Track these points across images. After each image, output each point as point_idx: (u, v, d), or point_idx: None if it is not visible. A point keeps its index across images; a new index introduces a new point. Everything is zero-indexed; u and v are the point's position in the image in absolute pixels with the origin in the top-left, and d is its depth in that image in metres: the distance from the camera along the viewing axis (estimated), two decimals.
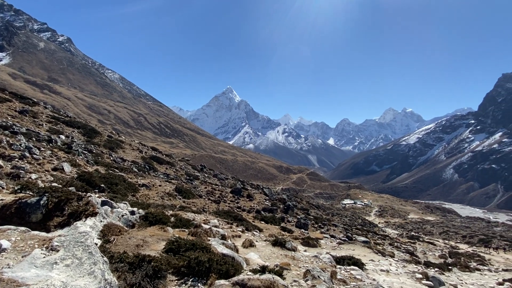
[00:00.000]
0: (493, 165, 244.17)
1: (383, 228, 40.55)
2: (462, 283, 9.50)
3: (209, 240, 5.70)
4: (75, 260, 2.96)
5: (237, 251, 6.08)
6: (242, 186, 22.33)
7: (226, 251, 4.89)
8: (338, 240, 13.37)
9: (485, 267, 15.39)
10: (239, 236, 8.38)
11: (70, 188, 6.49)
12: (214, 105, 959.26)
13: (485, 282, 10.21)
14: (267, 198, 21.35)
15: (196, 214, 9.70)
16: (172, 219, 7.31)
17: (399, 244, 18.78)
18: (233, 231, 8.87)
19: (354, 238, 14.42)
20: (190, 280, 3.79)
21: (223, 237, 6.90)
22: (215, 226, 8.03)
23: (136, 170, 17.16)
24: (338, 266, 6.69)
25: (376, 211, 74.36)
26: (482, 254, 21.08)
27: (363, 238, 14.51)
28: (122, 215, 5.84)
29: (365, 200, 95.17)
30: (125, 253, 3.81)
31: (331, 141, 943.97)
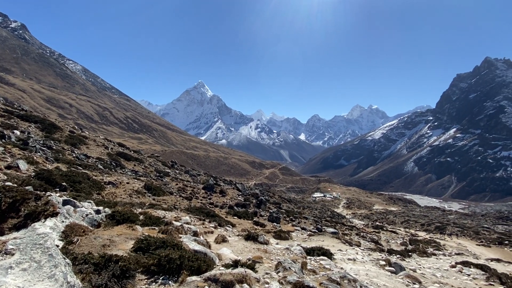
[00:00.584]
0: (448, 159, 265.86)
1: (350, 219, 42.54)
2: (420, 267, 10.28)
3: (181, 237, 5.60)
4: (33, 264, 2.76)
5: (209, 247, 6.05)
6: (214, 182, 22.14)
7: (198, 247, 4.84)
8: (308, 232, 13.81)
9: (440, 252, 16.82)
10: (212, 232, 8.32)
11: (27, 187, 6.00)
12: (185, 100, 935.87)
13: (440, 266, 11.14)
14: (240, 193, 21.39)
15: (166, 212, 9.46)
16: (141, 217, 7.07)
17: (365, 234, 19.85)
18: (206, 227, 8.79)
19: (323, 230, 14.98)
20: (161, 278, 3.71)
21: (195, 234, 6.81)
22: (187, 223, 7.90)
23: (101, 167, 16.29)
24: (309, 257, 6.93)
25: (344, 203, 77.77)
26: (438, 240, 22.98)
27: (332, 229, 15.13)
28: (86, 215, 5.53)
29: (334, 193, 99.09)
30: (90, 254, 3.62)
31: (302, 137, 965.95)
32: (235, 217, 13.43)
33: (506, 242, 24.55)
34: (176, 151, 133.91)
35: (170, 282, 3.67)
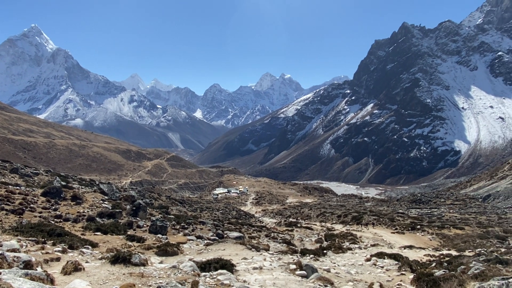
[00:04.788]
0: (365, 138, 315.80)
1: (260, 218, 45.92)
2: (335, 265, 12.04)
3: (0, 273, 4.90)
4: None
5: (52, 281, 5.51)
6: (63, 184, 19.92)
7: (29, 285, 4.29)
8: (206, 241, 14.21)
9: (356, 245, 20.08)
10: (58, 259, 7.65)
11: None
12: (7, 55, 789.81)
13: (355, 261, 13.33)
14: (107, 198, 20.27)
15: None
16: None
17: (276, 234, 21.80)
18: (47, 253, 7.99)
19: (225, 235, 15.65)
20: None
21: (28, 265, 6.09)
22: (13, 250, 6.96)
23: None
24: (203, 274, 7.14)
25: (253, 198, 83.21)
26: (354, 232, 27.30)
27: (236, 234, 15.96)
28: None
29: (241, 187, 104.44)
30: None
31: (198, 114, 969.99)
32: (99, 233, 12.61)
33: (418, 226, 31.28)
34: None
35: None
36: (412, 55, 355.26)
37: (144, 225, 15.64)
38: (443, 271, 9.05)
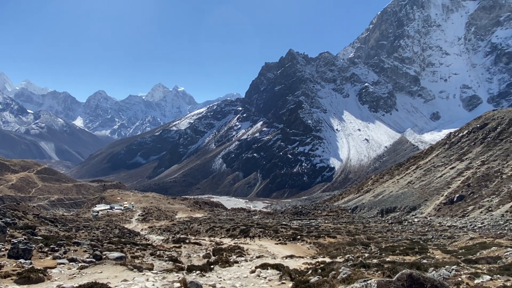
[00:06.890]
0: (255, 154, 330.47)
1: (146, 236, 43.57)
2: (221, 280, 12.05)
3: None
4: None
5: None
6: None
7: None
8: (80, 264, 12.85)
9: (243, 258, 20.55)
10: None
11: None
12: None
13: (241, 274, 13.59)
14: None
15: None
16: None
17: (162, 252, 20.90)
18: None
19: (104, 256, 14.39)
20: None
21: None
22: None
23: None
24: None
25: (139, 215, 78.64)
26: (242, 245, 27.94)
27: (117, 254, 14.80)
28: None
29: (126, 203, 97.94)
30: None
31: (79, 122, 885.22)
32: None
33: (298, 237, 33.68)
34: None
35: None
36: (296, 79, 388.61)
37: (2, 249, 13.42)
38: (318, 277, 9.83)
